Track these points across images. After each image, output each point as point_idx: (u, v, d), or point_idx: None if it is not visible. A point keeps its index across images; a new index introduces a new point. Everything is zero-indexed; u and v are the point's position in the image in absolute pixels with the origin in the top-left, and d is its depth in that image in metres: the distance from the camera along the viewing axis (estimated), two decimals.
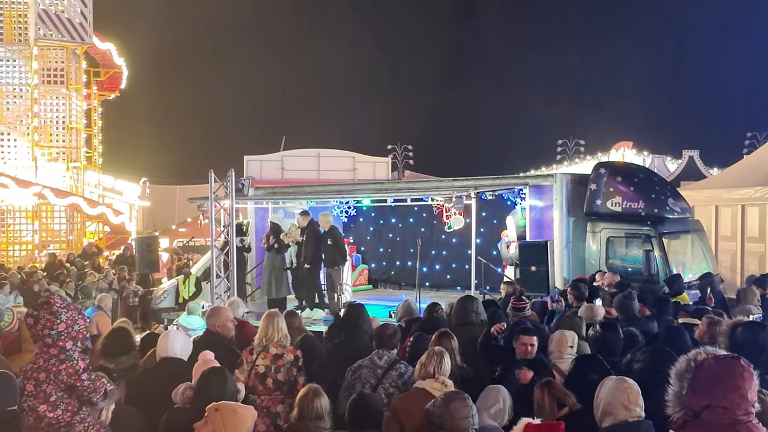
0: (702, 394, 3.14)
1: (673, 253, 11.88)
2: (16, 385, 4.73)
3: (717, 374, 3.15)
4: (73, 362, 4.41)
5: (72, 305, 4.65)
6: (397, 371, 5.63)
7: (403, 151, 47.58)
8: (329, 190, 15.84)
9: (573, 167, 38.06)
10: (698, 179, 26.10)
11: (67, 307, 4.55)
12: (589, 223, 12.61)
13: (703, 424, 3.12)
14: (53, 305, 4.49)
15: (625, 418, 3.98)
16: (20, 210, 24.20)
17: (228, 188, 12.42)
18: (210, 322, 6.75)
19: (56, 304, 4.51)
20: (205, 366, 5.05)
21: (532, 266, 12.13)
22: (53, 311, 4.45)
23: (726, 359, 3.23)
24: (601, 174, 12.58)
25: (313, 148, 23.86)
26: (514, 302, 8.19)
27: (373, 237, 17.86)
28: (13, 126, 25.09)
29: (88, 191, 26.55)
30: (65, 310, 4.51)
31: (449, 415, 4.20)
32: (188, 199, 17.52)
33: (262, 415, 5.84)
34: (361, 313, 7.04)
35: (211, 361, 5.24)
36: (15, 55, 25.04)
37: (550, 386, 4.86)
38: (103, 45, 27.94)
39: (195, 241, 25.86)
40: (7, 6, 25.01)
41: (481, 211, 14.60)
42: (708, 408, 3.11)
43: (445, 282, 16.42)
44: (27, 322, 4.54)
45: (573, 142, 49.28)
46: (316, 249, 13.29)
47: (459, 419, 4.19)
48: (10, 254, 23.75)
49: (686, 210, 12.92)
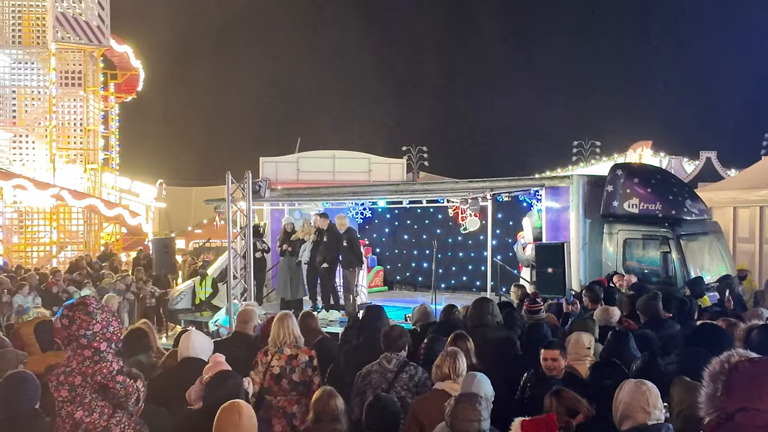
0: (737, 396, 3.08)
1: (691, 255, 11.79)
2: (37, 384, 4.75)
3: (752, 376, 3.10)
4: (107, 363, 4.39)
5: (106, 307, 4.65)
6: (407, 374, 5.61)
7: (418, 153, 47.59)
8: (345, 191, 15.85)
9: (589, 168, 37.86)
10: (716, 180, 25.91)
11: (101, 309, 4.53)
12: (606, 225, 12.53)
13: (738, 426, 3.06)
14: (89, 305, 4.47)
15: (644, 422, 3.91)
16: (38, 211, 24.40)
17: (245, 190, 12.45)
18: (240, 325, 6.90)
19: (92, 305, 4.49)
20: (216, 368, 5.06)
21: (549, 268, 12.09)
22: (89, 311, 4.43)
23: (762, 361, 3.18)
24: (618, 175, 12.51)
25: (328, 150, 23.86)
26: (528, 305, 8.15)
27: (389, 239, 17.85)
28: (32, 128, 25.30)
29: (106, 193, 26.75)
30: (100, 311, 4.49)
31: (455, 415, 4.16)
32: (205, 201, 17.60)
33: (278, 415, 5.88)
34: (380, 315, 7.04)
35: (221, 363, 5.25)
36: (33, 58, 25.25)
37: (560, 395, 4.77)
38: (120, 47, 28.14)
39: (211, 243, 25.95)
40: (25, 9, 25.24)
41: (497, 213, 14.54)
42: (743, 410, 3.06)
43: (460, 284, 16.38)
44: (62, 323, 4.52)
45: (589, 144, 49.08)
46: (336, 250, 13.31)
47: (464, 421, 4.13)
48: (28, 255, 23.94)
49: (704, 211, 12.83)
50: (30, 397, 4.66)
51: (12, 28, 25.10)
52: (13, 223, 24.43)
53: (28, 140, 25.23)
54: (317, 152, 23.71)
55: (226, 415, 3.99)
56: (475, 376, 4.81)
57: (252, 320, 6.91)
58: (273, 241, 15.59)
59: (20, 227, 24.51)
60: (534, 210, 13.65)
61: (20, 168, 24.37)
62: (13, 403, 4.61)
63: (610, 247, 12.43)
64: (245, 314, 7.00)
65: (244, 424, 3.97)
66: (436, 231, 16.64)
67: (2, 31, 25.04)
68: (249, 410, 4.08)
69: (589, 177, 13.09)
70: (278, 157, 22.81)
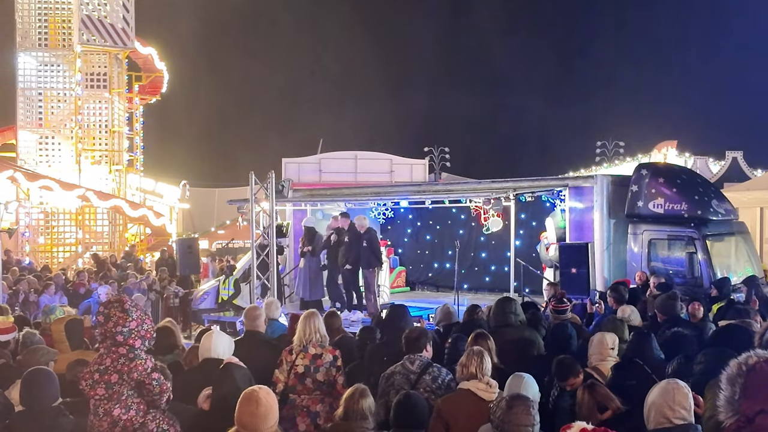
0: (755, 398, 3.04)
1: (717, 256, 11.68)
2: (57, 381, 4.80)
3: None
4: (141, 360, 4.45)
5: (139, 305, 4.73)
6: (430, 375, 5.57)
7: (440, 153, 47.46)
8: (367, 191, 15.88)
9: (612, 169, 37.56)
10: (742, 181, 25.61)
11: (136, 307, 4.62)
12: (631, 225, 12.43)
13: (758, 429, 3.02)
14: (125, 303, 4.56)
15: (672, 421, 3.85)
16: (64, 212, 24.69)
17: (268, 190, 12.50)
18: (249, 322, 6.89)
19: (127, 302, 4.59)
20: None
21: (573, 268, 12.02)
22: (125, 309, 4.51)
23: None
24: (643, 175, 12.41)
25: (350, 151, 23.89)
26: (554, 304, 8.12)
27: (411, 239, 17.84)
28: (58, 130, 25.61)
29: (130, 194, 27.01)
30: (135, 309, 4.58)
31: (509, 419, 4.07)
32: (228, 202, 17.71)
33: (303, 414, 5.89)
34: (404, 314, 7.02)
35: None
36: (59, 60, 25.54)
37: (593, 389, 4.77)
38: (145, 50, 28.39)
39: (234, 243, 26.10)
40: (51, 12, 25.54)
41: (520, 213, 14.50)
42: (762, 413, 3.02)
43: (483, 284, 16.33)
44: (97, 320, 4.59)
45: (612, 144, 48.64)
46: (357, 250, 13.32)
47: (517, 425, 4.05)
48: (54, 255, 24.22)
49: (730, 212, 12.68)
50: (52, 393, 4.71)
51: (38, 30, 25.41)
52: (39, 223, 24.76)
53: (54, 142, 25.54)
54: (339, 153, 23.75)
55: (244, 404, 3.97)
56: (522, 378, 4.77)
57: (261, 316, 6.92)
58: (296, 241, 15.64)
59: (46, 228, 24.83)
60: (557, 210, 13.57)
61: (46, 169, 24.67)
62: (37, 398, 4.66)
63: (634, 247, 12.33)
64: (252, 311, 7.01)
65: (261, 414, 3.93)
66: (459, 231, 16.60)
67: (29, 33, 25.36)
68: (268, 399, 4.01)
69: (613, 177, 13.00)
70: (300, 158, 22.88)
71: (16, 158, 25.13)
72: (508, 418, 4.07)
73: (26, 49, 25.29)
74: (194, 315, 16.22)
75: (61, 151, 25.44)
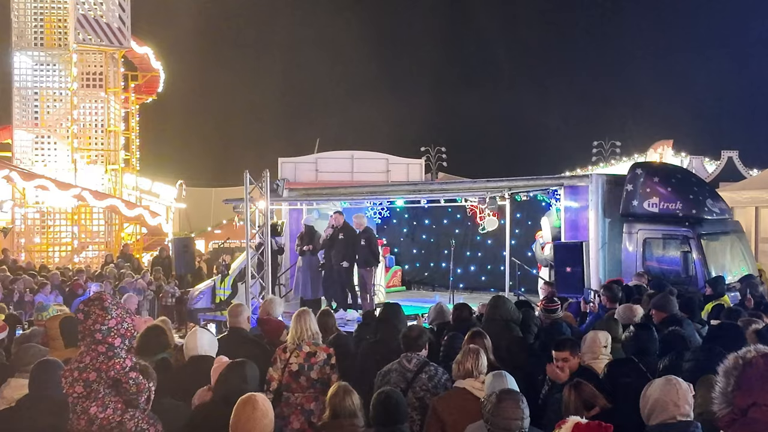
0: (749, 391, 3.10)
1: (712, 255, 11.68)
2: None
3: (765, 372, 3.10)
4: (120, 359, 4.42)
5: (121, 303, 4.71)
6: (427, 374, 5.60)
7: (437, 153, 47.49)
8: (363, 191, 15.86)
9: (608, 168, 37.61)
10: (737, 180, 25.64)
11: (117, 304, 4.58)
12: (626, 224, 12.45)
13: (750, 422, 3.07)
14: (105, 301, 4.52)
15: (675, 417, 3.89)
16: (60, 211, 24.66)
17: (263, 189, 12.50)
18: (232, 320, 6.96)
19: (107, 300, 4.54)
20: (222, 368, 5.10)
21: (567, 267, 12.01)
22: (104, 307, 4.46)
23: None
24: (638, 174, 12.43)
25: (347, 150, 23.90)
26: (545, 304, 8.14)
27: (407, 238, 17.85)
28: (54, 129, 25.57)
29: (126, 193, 26.97)
30: (115, 306, 4.53)
31: (499, 413, 4.13)
32: (223, 201, 17.69)
33: (297, 412, 5.91)
34: (397, 312, 7.04)
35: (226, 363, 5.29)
36: (55, 60, 25.49)
37: (579, 387, 4.77)
38: (141, 49, 28.36)
39: (230, 243, 26.09)
40: (47, 11, 25.50)
41: (516, 213, 14.50)
42: (754, 406, 3.06)
43: (479, 284, 16.35)
44: (77, 317, 4.57)
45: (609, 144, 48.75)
46: (353, 248, 13.31)
47: (507, 419, 4.11)
48: (50, 255, 24.18)
49: (725, 211, 12.71)
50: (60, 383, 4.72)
51: (34, 30, 25.38)
52: (35, 223, 24.72)
53: (49, 141, 25.50)
54: (336, 153, 23.77)
55: (241, 408, 4.05)
56: (503, 375, 4.82)
57: (243, 313, 6.97)
58: (291, 240, 15.62)
59: (42, 227, 24.79)
60: (553, 209, 13.59)
61: (42, 168, 24.65)
62: (48, 385, 4.68)
63: (629, 246, 12.34)
64: (235, 309, 7.07)
65: (258, 418, 4.01)
66: (455, 231, 16.62)
67: (24, 33, 25.33)
68: (264, 404, 4.10)
69: (608, 176, 13.02)
70: (297, 158, 22.89)
71: (12, 158, 25.09)
72: (498, 411, 4.13)
73: (22, 48, 25.24)
74: (190, 314, 16.20)
75: (57, 150, 25.39)
